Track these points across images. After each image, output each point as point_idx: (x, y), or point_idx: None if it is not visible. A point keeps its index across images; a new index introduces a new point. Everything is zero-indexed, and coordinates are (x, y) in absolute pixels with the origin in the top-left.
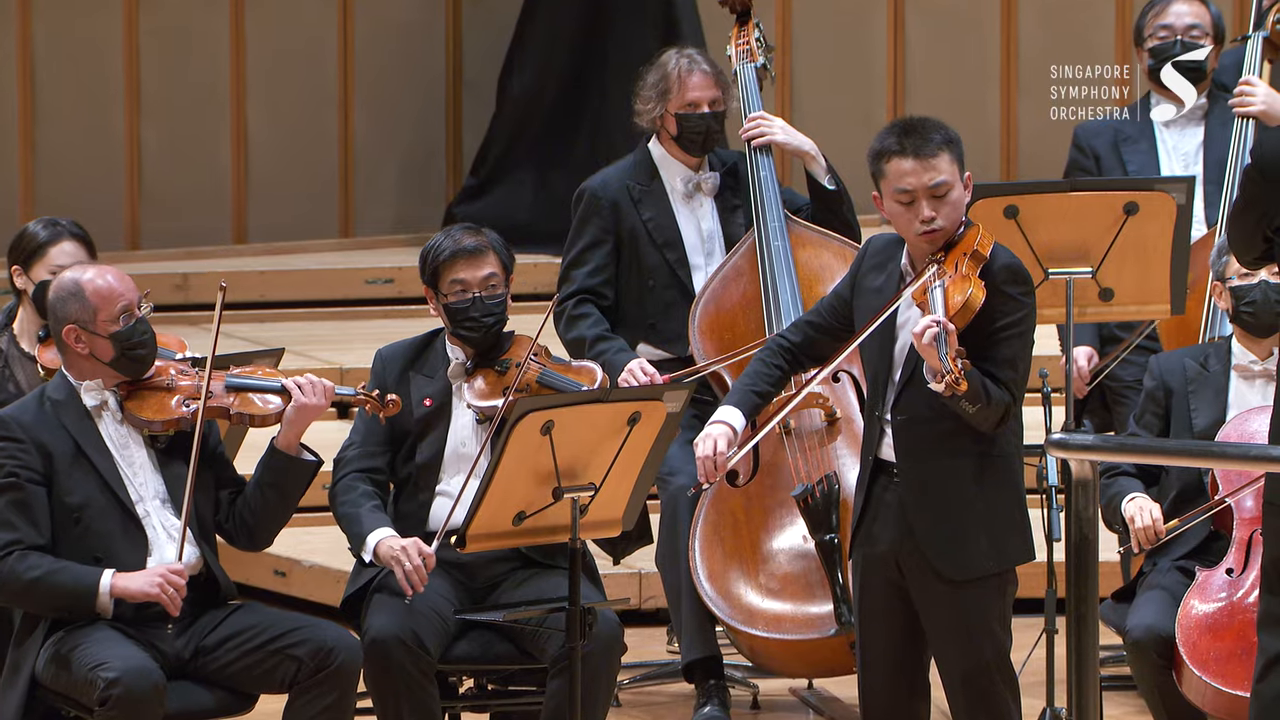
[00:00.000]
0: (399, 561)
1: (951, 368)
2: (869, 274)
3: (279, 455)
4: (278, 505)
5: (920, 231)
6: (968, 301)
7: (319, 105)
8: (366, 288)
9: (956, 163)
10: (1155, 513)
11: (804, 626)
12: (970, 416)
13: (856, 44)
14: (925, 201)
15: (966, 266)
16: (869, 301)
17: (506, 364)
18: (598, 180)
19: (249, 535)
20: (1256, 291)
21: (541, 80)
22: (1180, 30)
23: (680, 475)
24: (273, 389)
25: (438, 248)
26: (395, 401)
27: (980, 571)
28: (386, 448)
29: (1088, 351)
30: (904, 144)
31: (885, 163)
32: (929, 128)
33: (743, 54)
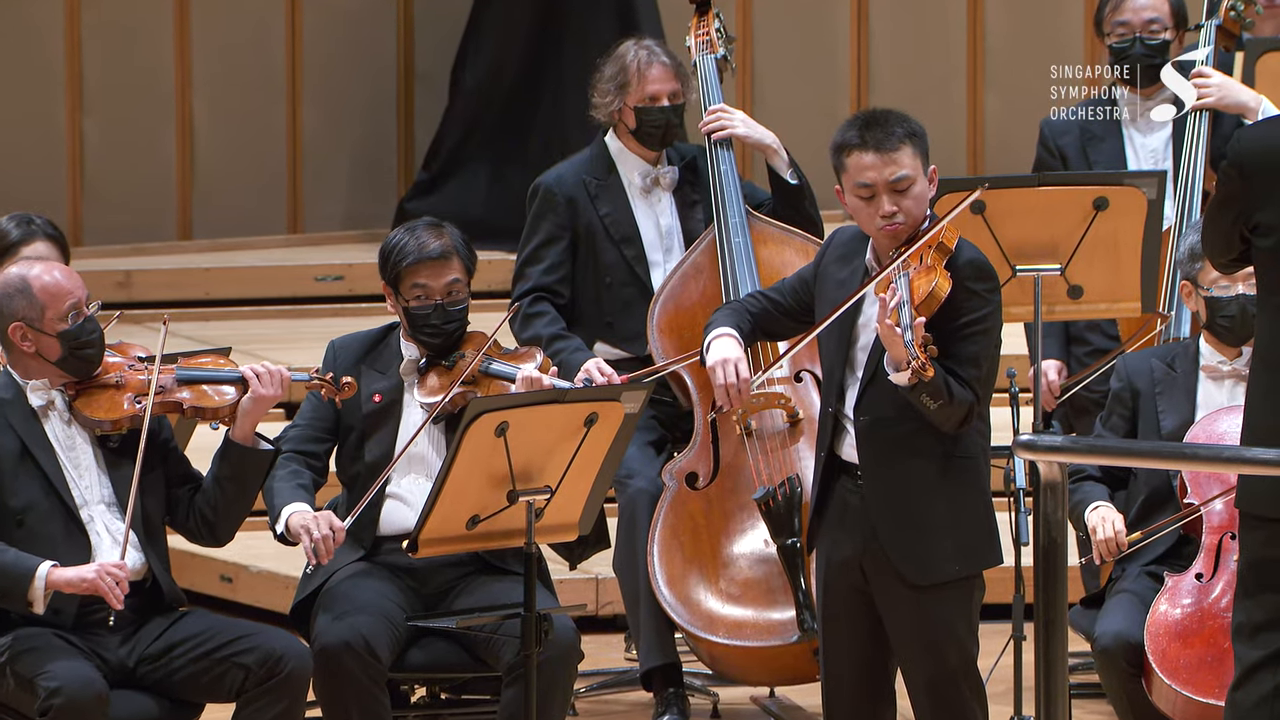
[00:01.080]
0: (308, 530)
1: (918, 353)
2: (834, 264)
3: (235, 448)
4: (237, 498)
5: (881, 226)
6: (934, 291)
7: (266, 97)
8: (316, 285)
9: (920, 156)
10: (1118, 524)
11: (765, 633)
12: (932, 414)
13: (819, 34)
14: (886, 196)
15: (932, 259)
16: (831, 293)
17: (456, 358)
18: (553, 175)
19: (210, 531)
20: (1234, 305)
21: (496, 72)
22: (1138, 26)
23: (638, 478)
24: (229, 379)
25: (401, 249)
26: (350, 384)
27: (945, 576)
28: (329, 436)
29: (1057, 365)
30: (865, 137)
31: (846, 156)
32: (891, 121)
33: (702, 45)
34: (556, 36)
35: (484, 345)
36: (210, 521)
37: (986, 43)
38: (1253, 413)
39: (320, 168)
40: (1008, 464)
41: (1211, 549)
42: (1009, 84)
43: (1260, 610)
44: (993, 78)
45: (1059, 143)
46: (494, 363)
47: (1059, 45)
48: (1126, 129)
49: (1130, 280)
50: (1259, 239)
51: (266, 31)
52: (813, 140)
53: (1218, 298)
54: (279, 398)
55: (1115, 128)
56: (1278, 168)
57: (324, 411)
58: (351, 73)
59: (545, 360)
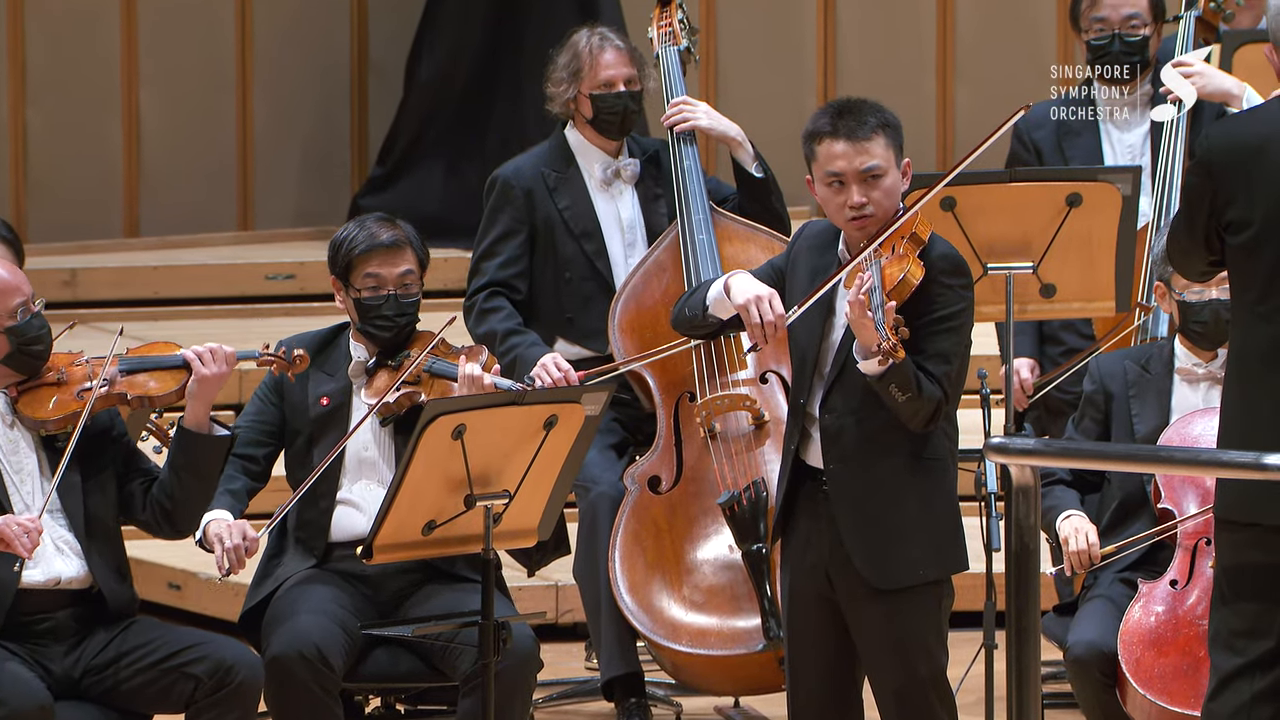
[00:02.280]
0: (220, 539)
1: (889, 335)
2: (806, 254)
3: (189, 435)
4: (195, 487)
5: (850, 217)
6: (905, 277)
7: (215, 90)
8: (266, 284)
9: (893, 148)
10: (1091, 535)
11: (730, 641)
12: (900, 408)
13: (785, 25)
14: (856, 186)
15: (904, 248)
16: (804, 284)
17: (402, 357)
18: (510, 168)
19: (169, 521)
20: (1207, 311)
21: (452, 64)
22: (1117, 23)
23: (599, 482)
24: (171, 365)
25: (351, 239)
26: (302, 357)
27: (913, 580)
28: (271, 440)
29: (1029, 363)
30: (837, 125)
31: (817, 144)
32: (865, 110)
33: (665, 36)
34: (515, 28)
35: (432, 345)
36: (168, 511)
37: (957, 34)
38: (1228, 416)
39: (271, 163)
40: (978, 467)
41: (1186, 555)
42: (980, 77)
43: (1237, 618)
44: (963, 70)
45: (1034, 136)
46: (437, 361)
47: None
48: (1104, 124)
49: (1104, 279)
50: (1231, 237)
51: (216, 21)
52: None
53: (1191, 303)
54: (226, 376)
55: (1092, 122)
56: (1245, 162)
57: (269, 414)
58: (303, 64)
59: (490, 359)
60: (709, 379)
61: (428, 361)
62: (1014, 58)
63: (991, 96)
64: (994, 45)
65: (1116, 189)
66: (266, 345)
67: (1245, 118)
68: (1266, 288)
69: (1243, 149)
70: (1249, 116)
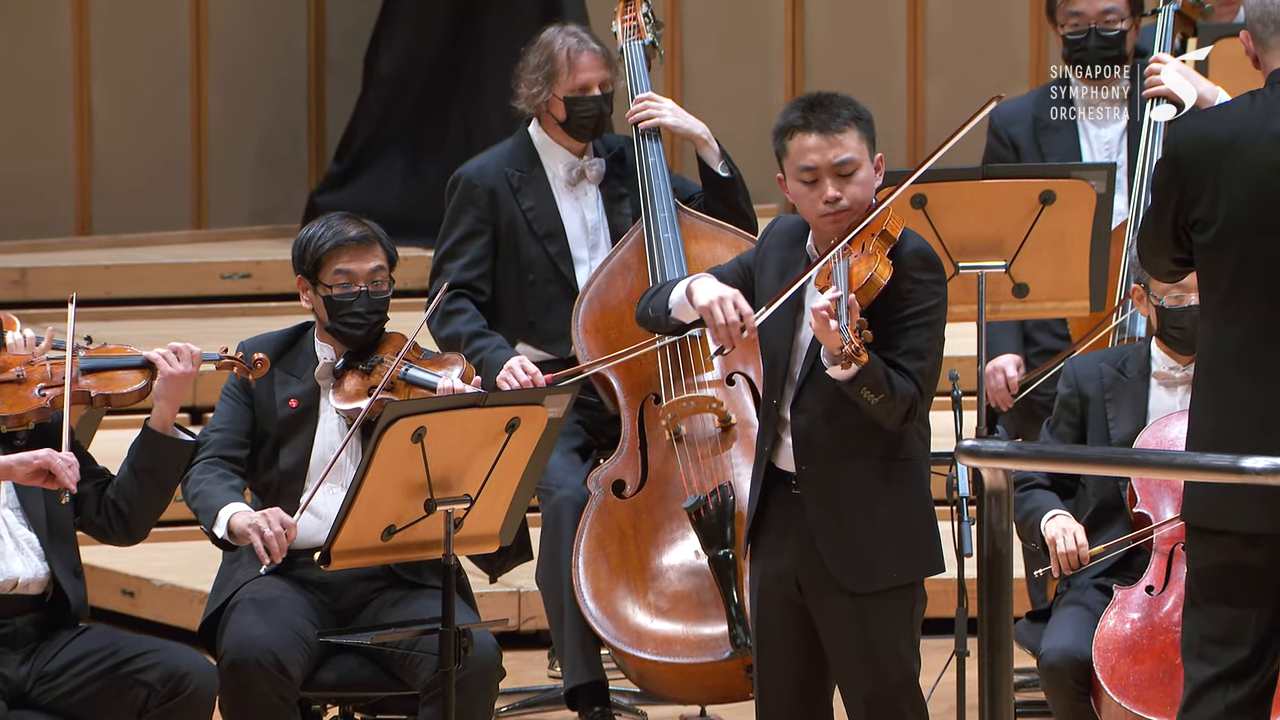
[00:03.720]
0: (257, 529)
1: (851, 338)
2: (775, 251)
3: (155, 436)
4: (155, 492)
5: (824, 213)
6: (873, 277)
7: (169, 84)
8: (222, 283)
9: (866, 141)
10: (1080, 536)
11: (696, 649)
12: (873, 409)
13: (752, 19)
14: (830, 180)
15: (874, 246)
16: (773, 282)
17: (372, 362)
18: (474, 166)
19: (124, 527)
20: (1186, 318)
21: (412, 59)
22: (1093, 17)
23: (563, 486)
24: (137, 364)
25: (319, 236)
26: (263, 360)
27: (884, 583)
28: (248, 440)
29: (1015, 359)
30: (809, 119)
31: (788, 139)
32: (837, 103)
33: (629, 31)
34: (476, 21)
35: (402, 348)
36: (124, 515)
37: (928, 27)
38: (1196, 417)
39: (226, 159)
40: (950, 471)
41: (1163, 560)
42: (952, 71)
43: (1210, 624)
44: (934, 64)
45: (1010, 132)
46: (413, 368)
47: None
48: (1081, 120)
49: (1078, 278)
50: (1198, 235)
51: (170, 12)
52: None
53: (1169, 309)
54: (192, 375)
55: (1069, 117)
56: (1214, 158)
57: (242, 415)
58: (259, 58)
59: (469, 368)
60: (674, 381)
61: (402, 368)
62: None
63: (963, 91)
64: (966, 38)
65: (1091, 186)
66: (225, 349)
67: (1215, 113)
68: (1233, 287)
69: (1211, 145)
70: (1219, 112)
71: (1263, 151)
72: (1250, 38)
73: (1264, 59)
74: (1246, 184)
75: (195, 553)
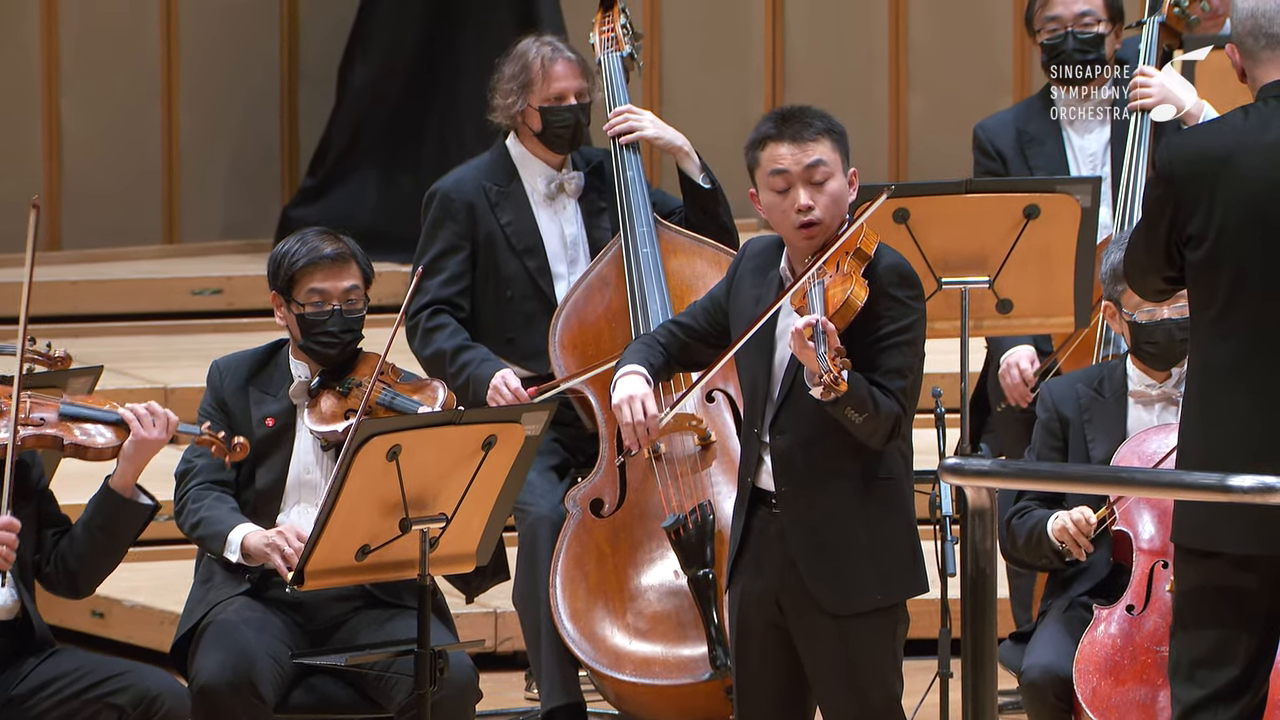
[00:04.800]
0: (276, 548)
1: (830, 367)
2: (747, 277)
3: (113, 495)
4: (107, 550)
5: (797, 224)
6: (849, 300)
7: (140, 97)
8: (193, 299)
9: (839, 153)
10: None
11: (675, 670)
12: (857, 428)
13: (731, 30)
14: (802, 188)
15: (849, 265)
16: (747, 309)
17: (349, 384)
18: (451, 180)
19: (71, 581)
20: (1160, 332)
21: (387, 71)
22: (1070, 20)
23: (540, 505)
24: (110, 420)
25: (293, 253)
26: (243, 445)
27: (866, 605)
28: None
29: (1029, 353)
30: (781, 130)
31: (760, 150)
32: (809, 114)
33: (607, 42)
34: (451, 32)
35: (378, 369)
36: (72, 571)
37: (910, 39)
38: (1187, 437)
39: (198, 173)
40: (933, 489)
41: (1143, 579)
42: (934, 83)
43: (1198, 645)
44: (917, 77)
45: (995, 143)
46: (398, 397)
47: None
48: (1065, 130)
49: (1063, 293)
50: (1190, 252)
51: (140, 23)
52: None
53: (1142, 324)
54: (163, 442)
55: (1054, 129)
56: (1207, 174)
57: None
58: (231, 70)
59: (450, 395)
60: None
61: (384, 394)
62: (969, 62)
63: (946, 103)
64: (948, 50)
65: (1076, 200)
66: (208, 425)
67: (1208, 129)
68: (1227, 305)
69: (1205, 161)
70: (1212, 127)
71: (1257, 167)
72: (1238, 50)
73: (1252, 73)
74: (1241, 200)
75: (166, 573)
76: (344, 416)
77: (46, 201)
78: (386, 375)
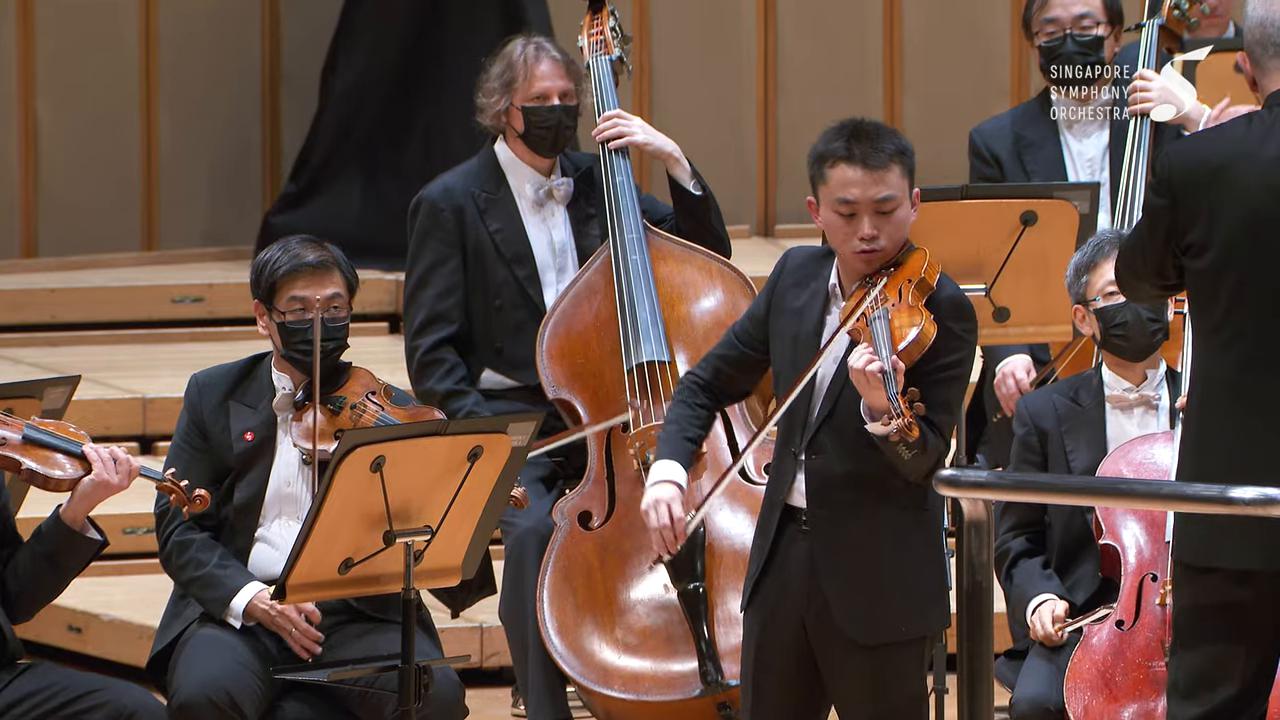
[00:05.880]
0: (287, 633)
1: (902, 409)
2: (789, 292)
3: (62, 527)
4: (50, 579)
5: (859, 249)
6: (919, 337)
7: (118, 101)
8: (173, 307)
9: (907, 177)
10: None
11: (666, 686)
12: (905, 464)
13: (722, 33)
14: (868, 218)
15: (912, 296)
16: (789, 323)
17: (340, 401)
18: (438, 188)
19: (9, 604)
20: (1126, 312)
21: (370, 74)
22: (1068, 22)
23: (528, 518)
24: (74, 453)
25: (275, 260)
26: (203, 498)
27: (889, 636)
28: (211, 486)
29: (1026, 362)
30: (853, 150)
31: (829, 167)
32: (883, 135)
33: (596, 45)
34: (437, 36)
35: (370, 386)
36: (13, 594)
37: (905, 41)
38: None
39: (178, 179)
40: None
41: (1132, 593)
42: (929, 87)
43: (1197, 662)
44: (912, 80)
45: (992, 148)
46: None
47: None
48: (1063, 134)
49: (1060, 301)
50: (1191, 260)
51: (118, 26)
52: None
53: (1106, 308)
54: (122, 489)
55: (1052, 133)
56: (1208, 182)
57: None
58: (211, 74)
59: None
60: (644, 409)
61: (376, 417)
62: (965, 66)
63: (941, 107)
64: (944, 53)
65: (1073, 206)
66: (172, 472)
67: (1209, 135)
68: (1228, 314)
69: (1206, 168)
70: (1213, 134)
71: (1259, 175)
72: (1248, 60)
73: (1262, 82)
74: (1242, 208)
75: (145, 587)
76: (333, 437)
77: (23, 208)
78: (379, 396)
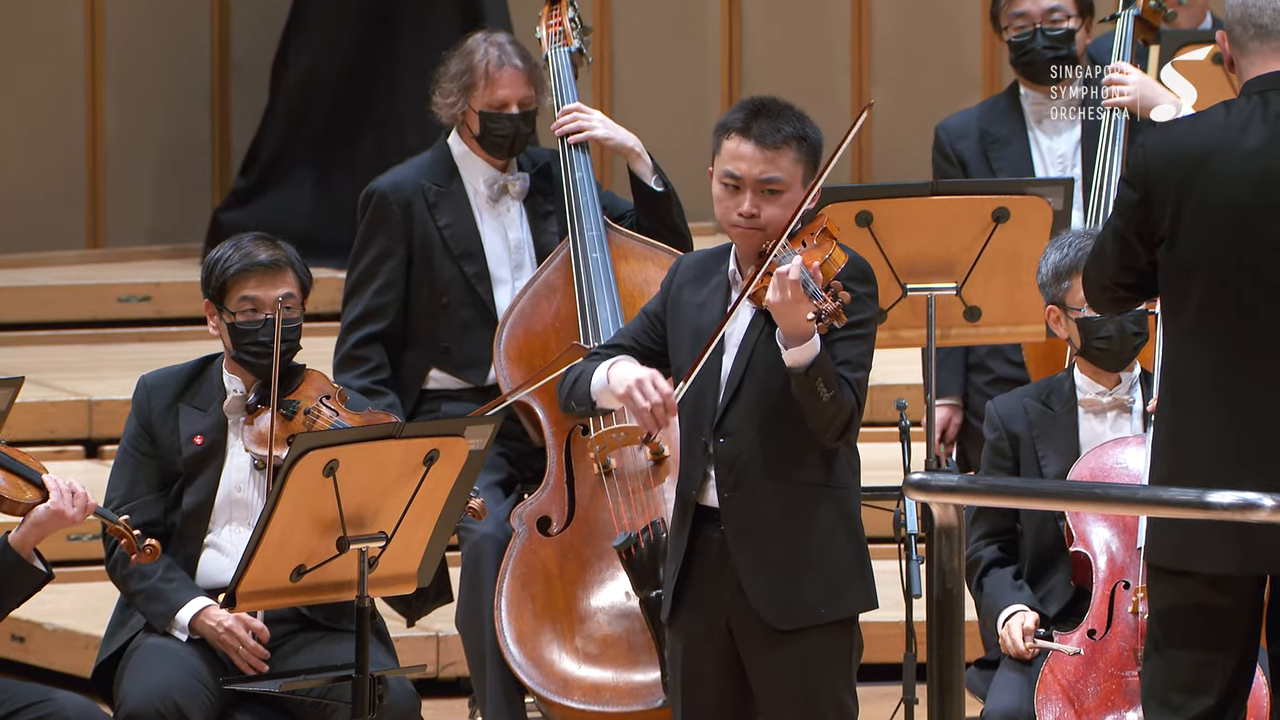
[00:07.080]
0: (233, 649)
1: (826, 299)
2: (685, 289)
3: (10, 554)
4: None
5: (735, 223)
6: (831, 258)
7: (61, 91)
8: (119, 306)
9: (803, 163)
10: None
11: (627, 697)
12: (821, 407)
13: (686, 24)
14: (751, 195)
15: (819, 239)
16: (689, 317)
17: (294, 406)
18: (389, 180)
19: None
20: (1112, 325)
21: (323, 65)
22: (1038, 16)
23: (485, 524)
24: (34, 481)
25: (225, 259)
26: (153, 548)
27: (810, 619)
28: (159, 493)
29: (948, 409)
30: (750, 125)
31: (725, 138)
32: (785, 117)
33: (555, 37)
34: (392, 25)
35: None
36: None
37: (873, 32)
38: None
39: (124, 173)
40: (897, 506)
41: (1104, 601)
42: (898, 78)
43: (1173, 670)
44: (880, 72)
45: (957, 148)
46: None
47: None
48: (1031, 131)
49: (1033, 301)
50: (1164, 253)
51: (62, 14)
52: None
53: (1090, 319)
54: (75, 522)
55: (1019, 129)
56: (1185, 174)
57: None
58: (159, 63)
59: None
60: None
61: (330, 424)
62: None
63: (911, 101)
64: (913, 44)
65: (1047, 203)
66: (127, 517)
67: (1185, 125)
68: (1202, 309)
69: (1182, 159)
70: (1189, 124)
71: (1236, 167)
72: (1227, 40)
73: (1240, 64)
74: (1219, 200)
75: (90, 595)
76: (286, 442)
77: None
78: (333, 400)
